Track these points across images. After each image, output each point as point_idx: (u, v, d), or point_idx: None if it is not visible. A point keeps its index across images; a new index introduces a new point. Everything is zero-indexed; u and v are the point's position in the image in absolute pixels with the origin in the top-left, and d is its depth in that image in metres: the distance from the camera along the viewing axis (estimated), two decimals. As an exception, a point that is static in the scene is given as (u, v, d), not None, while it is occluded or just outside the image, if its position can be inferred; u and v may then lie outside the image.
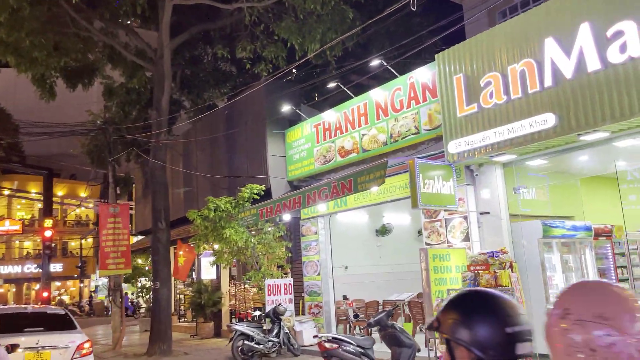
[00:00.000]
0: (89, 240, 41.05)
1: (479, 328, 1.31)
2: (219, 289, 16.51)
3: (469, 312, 1.35)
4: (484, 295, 1.40)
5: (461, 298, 1.41)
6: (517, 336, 1.30)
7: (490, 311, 1.33)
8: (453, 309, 1.38)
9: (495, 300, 1.36)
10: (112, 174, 15.46)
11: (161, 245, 13.28)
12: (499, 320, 1.31)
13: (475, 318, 1.32)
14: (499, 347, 1.29)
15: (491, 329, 1.30)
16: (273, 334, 11.09)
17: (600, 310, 1.12)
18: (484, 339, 1.29)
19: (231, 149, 14.76)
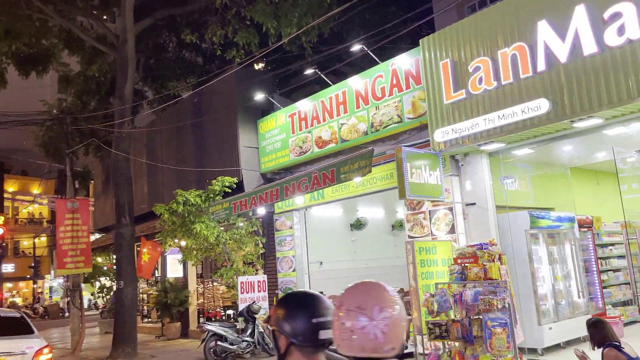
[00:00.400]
0: (42, 239, 39.09)
1: (294, 320, 1.69)
2: (186, 288, 15.78)
3: (288, 308, 1.73)
4: (300, 295, 1.82)
5: (285, 298, 1.80)
6: (321, 325, 1.66)
7: (302, 307, 1.71)
8: (278, 306, 1.76)
9: (308, 298, 1.75)
10: (69, 167, 14.47)
11: (125, 241, 12.47)
12: (308, 314, 1.68)
13: (292, 313, 1.71)
14: (307, 333, 1.67)
15: (301, 320, 1.68)
16: (247, 333, 10.55)
17: (359, 303, 1.48)
18: (296, 328, 1.68)
19: (199, 141, 14.06)
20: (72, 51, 15.11)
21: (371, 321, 1.47)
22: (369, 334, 1.47)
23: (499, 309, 6.68)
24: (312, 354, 1.70)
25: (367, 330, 1.47)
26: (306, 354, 1.70)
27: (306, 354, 1.70)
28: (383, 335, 1.47)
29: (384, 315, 1.48)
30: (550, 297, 8.26)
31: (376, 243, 14.81)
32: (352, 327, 1.49)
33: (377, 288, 1.57)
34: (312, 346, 1.70)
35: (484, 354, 6.70)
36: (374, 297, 1.53)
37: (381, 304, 1.50)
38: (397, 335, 1.51)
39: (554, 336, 8.05)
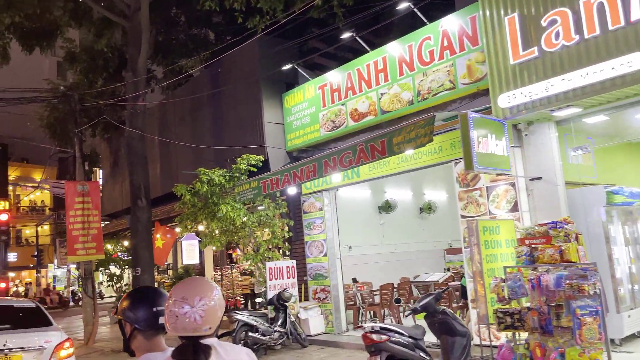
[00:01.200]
0: (45, 228, 38.23)
1: (137, 309, 2.04)
2: (203, 275, 14.96)
3: (133, 300, 2.09)
4: (143, 289, 2.24)
5: (130, 292, 2.21)
6: (160, 312, 2.01)
7: (144, 298, 2.09)
8: (125, 298, 2.12)
9: (149, 291, 2.16)
10: (78, 147, 13.53)
11: (141, 225, 11.60)
12: (149, 304, 2.05)
13: (136, 303, 2.07)
14: (148, 319, 2.03)
15: (143, 309, 2.03)
16: (278, 323, 9.72)
17: (184, 294, 1.78)
18: (139, 316, 2.03)
19: (218, 118, 13.12)
20: (78, 23, 14.10)
21: (192, 308, 1.75)
22: (190, 317, 1.74)
23: (590, 295, 5.82)
24: (153, 336, 2.04)
25: (188, 315, 1.74)
26: (148, 336, 2.04)
27: (148, 336, 2.04)
28: (201, 318, 1.76)
29: (202, 303, 1.76)
30: (627, 282, 7.41)
31: (405, 227, 13.97)
32: (177, 313, 1.75)
33: (199, 282, 1.85)
34: (152, 330, 2.03)
35: (572, 347, 5.84)
36: (195, 289, 1.80)
37: (200, 295, 1.78)
38: (214, 319, 1.80)
39: (632, 325, 7.22)
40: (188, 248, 15.11)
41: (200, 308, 1.74)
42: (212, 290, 1.82)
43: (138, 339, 2.04)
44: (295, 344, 10.05)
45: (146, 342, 2.03)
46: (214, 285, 1.86)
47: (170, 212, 14.35)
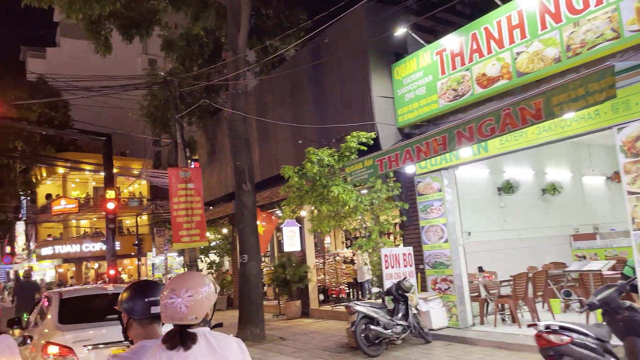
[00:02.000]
0: (143, 218, 40.04)
1: (131, 300, 2.21)
2: (304, 262, 14.38)
3: (129, 291, 2.26)
4: (139, 282, 2.37)
5: (129, 285, 2.33)
6: (152, 302, 2.18)
7: (138, 290, 2.25)
8: (123, 292, 2.28)
9: (144, 284, 2.32)
10: (180, 133, 13.38)
11: (247, 210, 11.13)
12: (142, 295, 2.20)
13: (130, 295, 2.23)
14: (141, 309, 2.19)
15: (137, 300, 2.19)
16: (399, 315, 8.80)
17: (174, 287, 1.96)
18: (133, 306, 2.19)
19: (320, 96, 12.35)
20: (176, 7, 13.90)
21: (178, 298, 1.93)
22: (177, 307, 1.93)
23: None
24: (148, 324, 2.22)
25: (175, 305, 1.93)
26: (143, 325, 2.21)
27: (143, 325, 2.21)
28: (187, 308, 1.93)
29: (188, 294, 1.94)
30: None
31: (527, 210, 12.47)
32: (166, 303, 1.95)
33: (190, 276, 2.06)
34: (146, 319, 2.21)
35: None
36: (184, 282, 1.99)
37: (187, 287, 1.96)
38: (200, 310, 1.96)
39: None
40: (289, 235, 14.60)
41: (186, 299, 1.93)
42: (201, 285, 2.00)
43: (134, 328, 2.22)
44: (416, 338, 9.09)
45: (142, 330, 2.20)
46: (206, 281, 2.03)
47: (272, 197, 13.89)
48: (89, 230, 41.15)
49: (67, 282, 38.42)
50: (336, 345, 9.58)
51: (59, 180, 41.96)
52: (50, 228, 41.72)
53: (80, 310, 6.45)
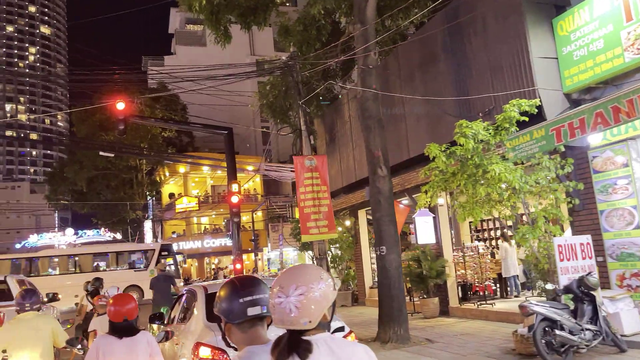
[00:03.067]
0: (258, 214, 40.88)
1: (225, 302, 1.93)
2: (441, 256, 13.01)
3: (222, 293, 1.97)
4: (234, 279, 2.02)
5: (223, 284, 2.03)
6: (248, 303, 1.90)
7: (232, 289, 1.95)
8: (219, 291, 2.01)
9: (238, 281, 1.99)
10: (304, 120, 12.67)
11: (383, 198, 10.04)
12: (237, 294, 1.92)
13: (223, 296, 1.95)
14: (237, 311, 1.90)
15: (232, 301, 1.91)
16: (585, 318, 7.16)
17: (281, 283, 1.64)
18: (227, 308, 1.91)
19: (460, 65, 10.89)
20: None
21: (287, 298, 1.60)
22: (285, 308, 1.60)
23: None
24: (249, 328, 1.91)
25: (283, 305, 1.61)
26: (243, 329, 1.91)
27: (243, 329, 1.91)
28: (297, 309, 1.59)
29: (298, 292, 1.60)
30: None
31: None
32: (273, 303, 1.64)
33: (301, 270, 1.70)
34: (246, 322, 1.90)
35: None
36: (294, 277, 1.65)
37: (297, 283, 1.62)
38: (314, 311, 1.61)
39: None
40: (422, 226, 13.30)
41: (296, 298, 1.61)
42: (315, 280, 1.66)
43: (234, 332, 1.95)
44: (605, 346, 7.39)
45: (243, 335, 1.93)
46: (322, 275, 1.69)
47: (404, 184, 12.70)
48: (209, 227, 42.93)
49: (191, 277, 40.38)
50: (501, 352, 8.14)
51: (180, 180, 44.29)
52: (174, 225, 44.21)
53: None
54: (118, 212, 40.92)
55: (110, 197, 39.39)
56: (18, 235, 55.85)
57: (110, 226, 45.66)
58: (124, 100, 14.80)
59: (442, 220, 13.11)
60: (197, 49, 52.30)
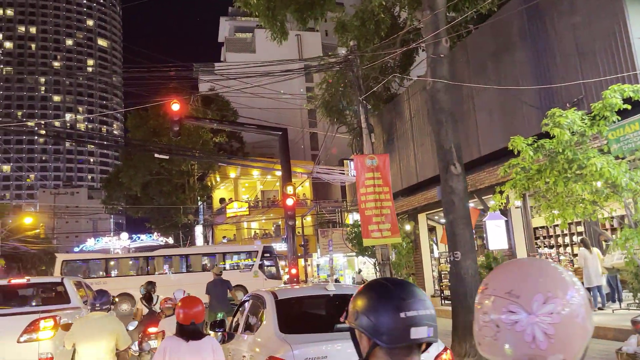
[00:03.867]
0: (307, 220, 40.43)
1: (374, 313, 1.32)
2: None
3: (367, 300, 1.36)
4: (382, 284, 1.41)
5: (365, 287, 1.43)
6: (412, 320, 1.30)
7: (387, 297, 1.34)
8: (359, 296, 1.40)
9: (394, 286, 1.38)
10: (364, 117, 11.95)
11: (457, 198, 9.15)
12: (395, 306, 1.31)
13: (371, 305, 1.34)
14: (394, 331, 1.29)
15: (384, 313, 1.31)
16: None
17: (512, 287, 1.03)
18: (381, 324, 1.30)
19: (540, 52, 9.89)
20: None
21: (529, 315, 0.99)
22: (525, 333, 0.98)
23: None
24: (405, 356, 1.32)
25: (522, 327, 0.99)
26: (394, 355, 1.31)
27: (394, 355, 1.31)
28: (547, 338, 0.97)
29: (550, 309, 0.98)
30: None
31: None
32: (499, 320, 1.02)
33: (544, 267, 1.07)
34: (403, 347, 1.31)
35: None
36: (538, 280, 1.02)
37: (548, 292, 0.99)
38: (571, 341, 0.98)
39: None
40: (494, 230, 12.29)
41: (546, 317, 0.96)
42: (568, 287, 1.00)
43: (379, 358, 1.33)
44: None
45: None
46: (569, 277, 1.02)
47: (475, 184, 11.75)
48: (258, 232, 42.85)
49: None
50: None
51: (230, 185, 44.52)
52: (224, 230, 44.44)
53: (301, 315, 5.09)
54: (170, 217, 41.50)
55: (163, 202, 40.01)
56: (77, 239, 57.87)
57: (163, 230, 46.48)
58: (178, 101, 14.60)
59: (516, 224, 12.07)
60: (247, 56, 52.77)
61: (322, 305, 5.20)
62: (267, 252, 24.59)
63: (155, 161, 36.88)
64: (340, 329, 4.60)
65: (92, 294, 4.79)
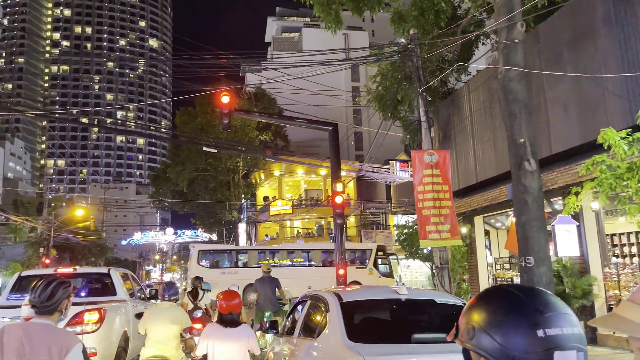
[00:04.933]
0: (351, 220, 39.72)
1: (500, 332, 1.05)
2: (586, 272, 10.90)
3: (489, 313, 1.09)
4: (509, 291, 1.14)
5: (482, 298, 1.15)
6: (554, 341, 1.03)
7: (514, 311, 1.07)
8: (474, 309, 1.13)
9: (524, 297, 1.11)
10: (424, 109, 11.19)
11: (531, 197, 8.26)
12: (528, 322, 1.05)
13: (496, 320, 1.07)
14: (530, 355, 1.02)
15: (516, 333, 1.04)
16: None
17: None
18: (508, 346, 1.03)
19: (632, 34, 8.87)
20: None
21: None
22: None
23: None
24: None
25: None
26: None
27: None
28: None
29: None
30: None
31: None
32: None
33: None
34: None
35: None
36: None
37: None
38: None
39: None
40: (564, 235, 11.25)
41: None
42: None
43: None
44: None
45: None
46: None
47: (546, 185, 10.78)
48: (301, 231, 42.48)
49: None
50: None
51: (274, 183, 44.38)
52: (267, 228, 44.33)
53: (369, 322, 4.45)
54: (215, 214, 41.74)
55: (208, 198, 40.27)
56: (125, 233, 59.35)
57: (207, 227, 46.86)
58: (228, 93, 14.27)
59: (589, 230, 11.02)
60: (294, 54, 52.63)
61: (392, 311, 4.54)
62: (380, 251, 25.54)
63: (202, 157, 37.12)
64: (419, 340, 3.93)
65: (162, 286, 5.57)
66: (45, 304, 2.74)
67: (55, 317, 2.78)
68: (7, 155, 67.32)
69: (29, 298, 2.83)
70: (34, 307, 2.76)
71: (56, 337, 2.67)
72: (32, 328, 2.69)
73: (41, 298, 2.74)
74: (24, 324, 2.79)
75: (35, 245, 35.09)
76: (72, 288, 3.03)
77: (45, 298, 2.74)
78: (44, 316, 2.74)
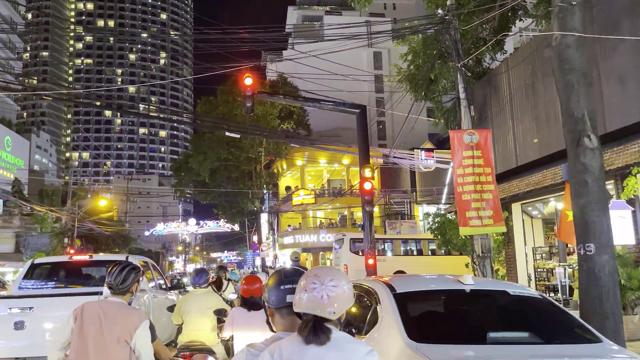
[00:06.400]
0: (375, 210, 38.82)
1: (269, 288, 2.14)
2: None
3: (268, 280, 2.20)
4: (279, 270, 2.29)
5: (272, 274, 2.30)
6: (289, 290, 2.04)
7: (275, 278, 2.19)
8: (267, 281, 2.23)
9: (282, 271, 2.22)
10: (462, 86, 10.32)
11: (591, 177, 7.37)
12: (278, 282, 2.12)
13: (269, 283, 2.16)
14: (277, 297, 2.09)
15: (274, 287, 2.12)
16: None
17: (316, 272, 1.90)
18: (270, 294, 2.11)
19: None
20: None
21: (321, 285, 1.81)
22: (318, 294, 1.79)
23: None
24: (287, 315, 2.04)
25: (317, 290, 1.80)
26: (283, 315, 2.07)
27: (283, 315, 2.07)
28: (328, 298, 1.78)
29: (332, 284, 1.82)
30: None
31: None
32: (306, 287, 1.83)
33: (333, 269, 1.94)
34: (284, 307, 2.05)
35: None
36: (329, 271, 1.90)
37: (332, 276, 1.86)
38: (340, 304, 1.82)
39: None
40: (618, 222, 10.27)
41: (330, 288, 1.81)
42: (346, 280, 1.89)
43: (275, 318, 2.10)
44: None
45: (282, 321, 2.07)
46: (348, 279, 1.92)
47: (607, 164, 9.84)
48: (324, 221, 41.84)
49: (307, 271, 39.42)
50: None
51: (297, 173, 43.79)
52: (290, 218, 43.80)
53: (431, 317, 3.70)
54: (237, 204, 41.33)
55: (230, 188, 39.86)
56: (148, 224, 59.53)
57: (229, 217, 46.53)
58: (252, 75, 13.60)
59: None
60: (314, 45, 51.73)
61: (456, 304, 3.79)
62: None
63: (223, 147, 36.64)
64: (497, 340, 3.18)
65: (193, 272, 5.62)
66: (119, 286, 3.31)
67: (127, 297, 3.35)
68: (34, 147, 68.45)
69: (107, 280, 3.37)
70: (110, 288, 3.35)
71: (128, 314, 3.26)
72: (107, 305, 3.27)
73: (117, 281, 3.31)
74: (101, 302, 3.35)
75: (60, 236, 35.20)
76: (142, 273, 3.64)
77: (120, 281, 3.31)
78: (118, 296, 3.33)
